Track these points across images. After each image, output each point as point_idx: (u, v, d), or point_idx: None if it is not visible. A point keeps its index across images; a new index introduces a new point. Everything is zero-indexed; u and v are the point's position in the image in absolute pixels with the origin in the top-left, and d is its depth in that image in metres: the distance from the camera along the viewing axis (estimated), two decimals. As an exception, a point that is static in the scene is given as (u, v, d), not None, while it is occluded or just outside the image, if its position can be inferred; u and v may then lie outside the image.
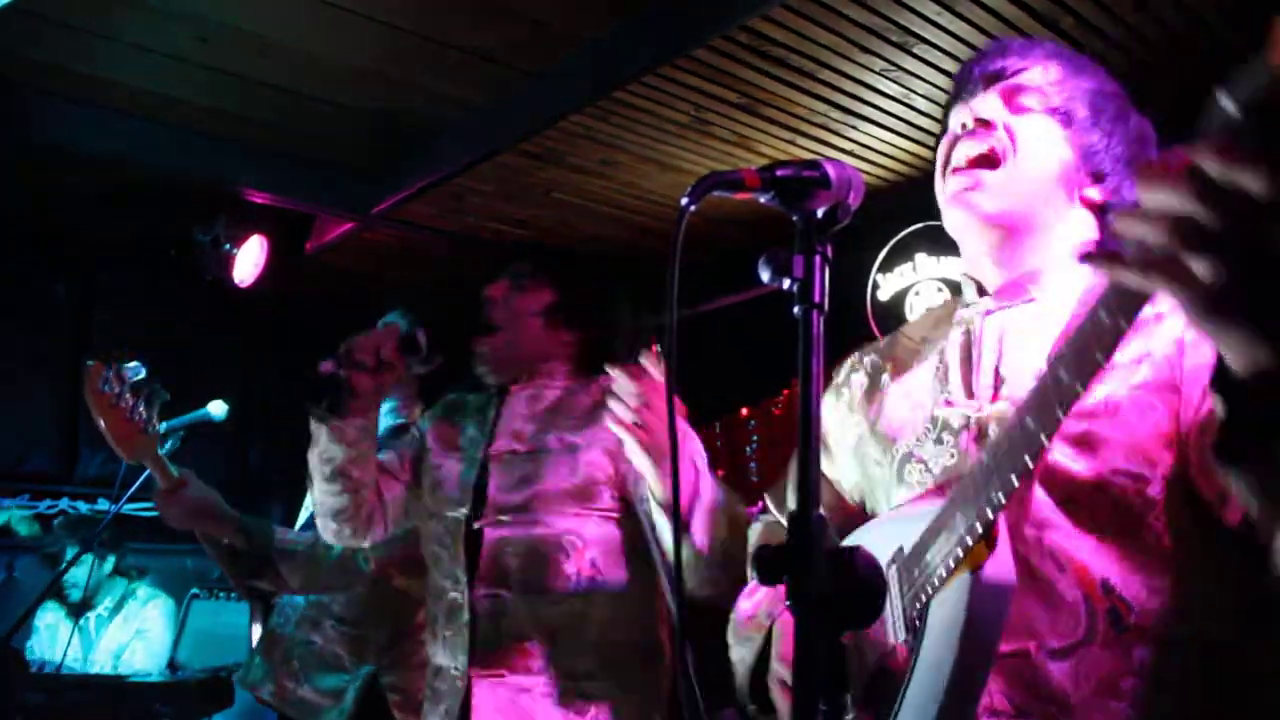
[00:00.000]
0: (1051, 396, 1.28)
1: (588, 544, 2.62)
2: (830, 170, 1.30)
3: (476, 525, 2.68)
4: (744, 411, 5.79)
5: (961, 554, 1.38)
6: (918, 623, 1.48)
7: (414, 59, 3.74)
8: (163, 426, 3.49)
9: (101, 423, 2.93)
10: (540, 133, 4.06)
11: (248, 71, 3.85)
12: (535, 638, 2.59)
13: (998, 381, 1.63)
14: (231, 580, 3.34)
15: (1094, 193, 1.68)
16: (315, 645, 3.38)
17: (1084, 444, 1.48)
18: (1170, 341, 1.50)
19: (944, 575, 1.42)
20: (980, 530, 1.36)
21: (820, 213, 1.30)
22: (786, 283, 1.25)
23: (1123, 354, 1.49)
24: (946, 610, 1.40)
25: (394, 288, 5.35)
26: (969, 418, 1.62)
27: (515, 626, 2.60)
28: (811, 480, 1.15)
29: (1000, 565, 1.37)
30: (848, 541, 1.67)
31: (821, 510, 1.83)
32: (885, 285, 4.78)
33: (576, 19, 3.51)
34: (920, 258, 4.66)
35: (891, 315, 4.76)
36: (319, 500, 2.81)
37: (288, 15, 3.48)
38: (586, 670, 2.59)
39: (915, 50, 3.45)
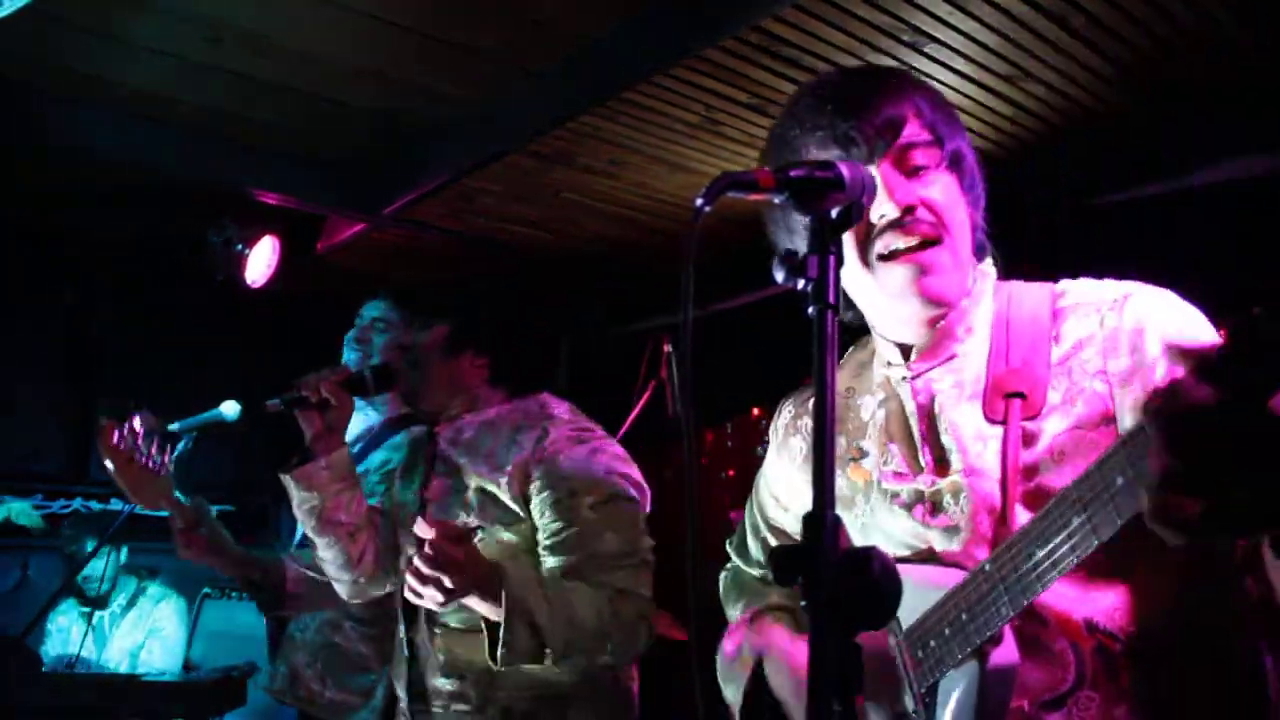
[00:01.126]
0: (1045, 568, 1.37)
1: None
2: (844, 171, 1.30)
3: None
4: (756, 412, 5.79)
5: (970, 650, 1.47)
6: (926, 699, 1.55)
7: (423, 59, 3.74)
8: (175, 426, 3.52)
9: (118, 478, 2.97)
10: (549, 133, 4.05)
11: (257, 73, 3.86)
12: (469, 678, 2.58)
13: (940, 452, 1.66)
14: (260, 610, 3.40)
15: (974, 211, 1.74)
16: (339, 647, 3.40)
17: (1040, 503, 1.49)
18: (1095, 375, 1.56)
19: (953, 664, 1.49)
20: (990, 636, 1.44)
21: (834, 213, 1.30)
22: (801, 283, 1.26)
23: (1055, 392, 1.58)
24: (957, 695, 1.49)
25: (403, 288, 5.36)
26: (922, 493, 1.66)
27: (449, 667, 2.60)
28: (827, 479, 1.16)
29: (1006, 653, 1.46)
30: None
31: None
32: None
33: (586, 19, 3.51)
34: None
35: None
36: (322, 561, 2.83)
37: (297, 17, 3.48)
38: (524, 710, 2.59)
39: (927, 50, 3.43)
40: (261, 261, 4.97)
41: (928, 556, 1.64)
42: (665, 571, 2.67)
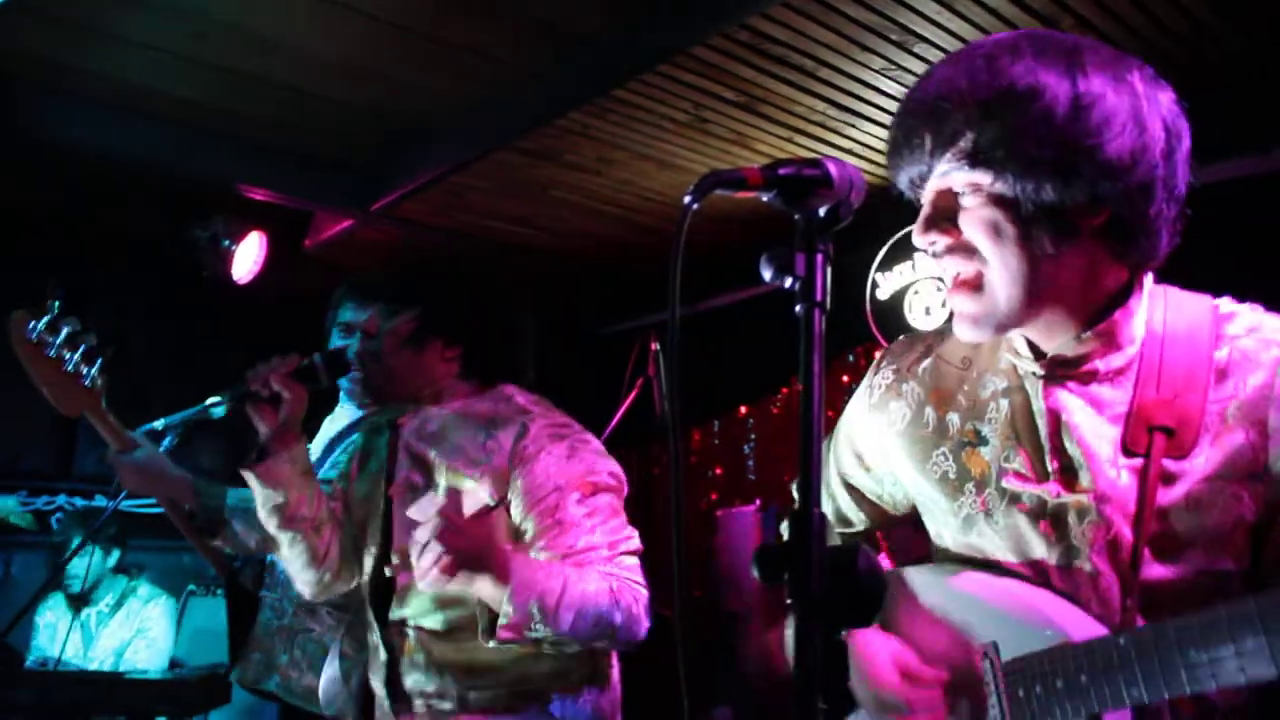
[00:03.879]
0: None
1: None
2: (832, 169, 1.29)
3: (388, 572, 2.65)
4: (742, 410, 5.79)
5: (1085, 713, 1.40)
6: None
7: (413, 56, 3.74)
8: (160, 423, 3.48)
9: (32, 373, 2.82)
10: (538, 130, 4.06)
11: (246, 68, 3.85)
12: (449, 675, 2.57)
13: (1068, 462, 1.54)
14: (192, 541, 3.31)
15: (1097, 220, 1.49)
16: (315, 633, 3.37)
17: (1166, 547, 1.44)
18: (1254, 424, 1.45)
19: (1061, 717, 1.43)
20: (1112, 709, 1.37)
21: (822, 211, 1.29)
22: (788, 281, 1.25)
23: (1206, 434, 1.47)
24: None
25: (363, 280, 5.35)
26: (1045, 503, 1.54)
27: (429, 667, 2.59)
28: (813, 478, 1.15)
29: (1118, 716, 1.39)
30: (921, 578, 1.70)
31: (864, 522, 1.79)
32: (884, 284, 4.78)
33: (575, 16, 3.50)
34: (919, 256, 4.65)
35: (891, 314, 4.76)
36: (284, 560, 2.79)
37: (285, 12, 3.47)
38: (507, 705, 2.58)
39: (915, 49, 3.44)
40: (248, 258, 4.95)
41: (1034, 569, 1.54)
42: (652, 568, 2.66)
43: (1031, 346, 1.60)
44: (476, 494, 2.57)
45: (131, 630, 5.23)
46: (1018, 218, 1.46)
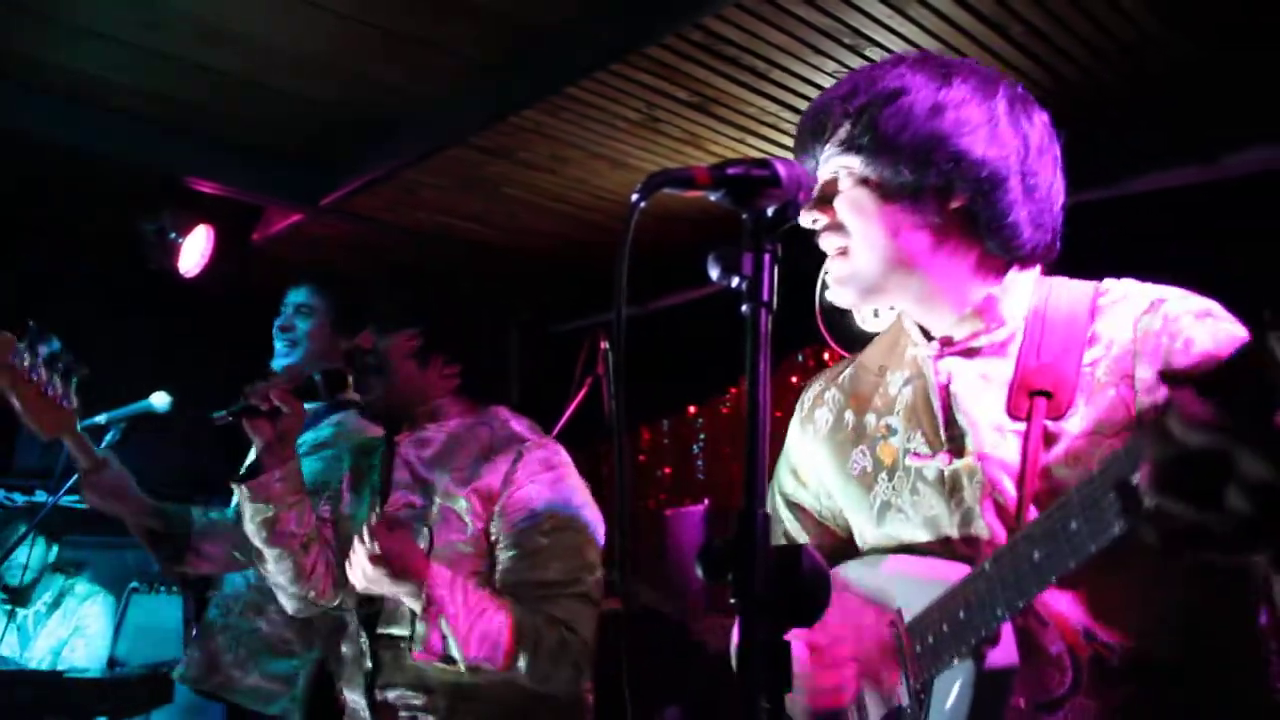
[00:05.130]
0: (1050, 561, 1.36)
1: None
2: (780, 169, 1.30)
3: None
4: (691, 410, 5.81)
5: (967, 650, 1.47)
6: (922, 695, 1.55)
7: (366, 49, 3.70)
8: (103, 418, 3.43)
9: (14, 398, 2.80)
10: (491, 127, 4.04)
11: (196, 58, 3.80)
12: (438, 692, 2.57)
13: (957, 432, 1.66)
14: (160, 566, 3.28)
15: (956, 202, 1.67)
16: (261, 631, 3.33)
17: (1051, 504, 1.48)
18: (1122, 379, 1.54)
19: (949, 662, 1.50)
20: (986, 636, 1.44)
21: (770, 211, 1.30)
22: (735, 281, 1.26)
23: (1081, 394, 1.57)
24: (952, 693, 1.49)
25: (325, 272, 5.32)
26: (942, 473, 1.65)
27: (418, 682, 2.58)
28: (759, 478, 1.16)
29: (1004, 655, 1.45)
30: (849, 571, 1.78)
31: (811, 543, 1.91)
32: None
33: (529, 13, 3.49)
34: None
35: (840, 315, 4.77)
36: (270, 575, 2.77)
37: (238, 3, 3.43)
38: None
39: (866, 53, 3.46)
40: (195, 251, 4.89)
41: (942, 543, 1.63)
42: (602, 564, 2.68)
43: (924, 334, 1.77)
44: (465, 517, 2.60)
45: (69, 629, 5.16)
46: (879, 196, 1.68)
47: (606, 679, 2.77)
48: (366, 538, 2.39)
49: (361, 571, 2.41)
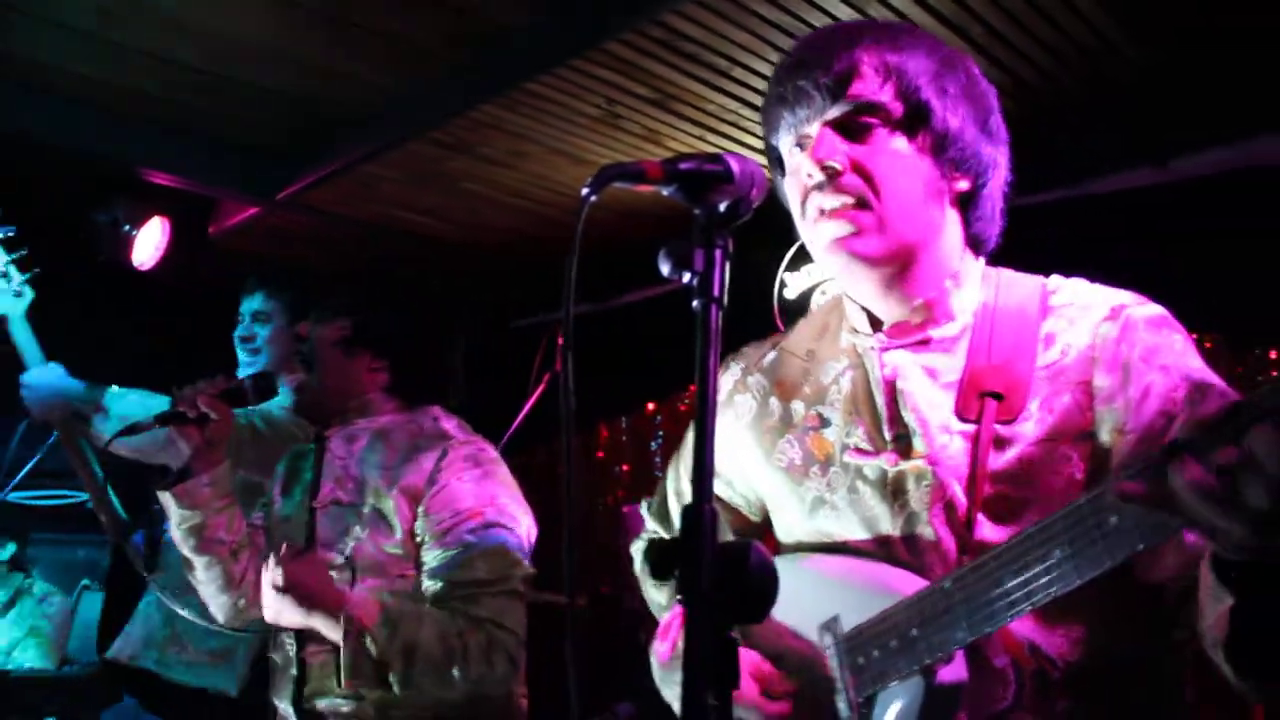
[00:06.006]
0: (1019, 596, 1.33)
1: None
2: (733, 164, 1.30)
3: None
4: (650, 407, 5.80)
5: (919, 669, 1.42)
6: (863, 709, 1.50)
7: (325, 41, 3.67)
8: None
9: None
10: (450, 122, 4.02)
11: (151, 47, 3.75)
12: (368, 698, 2.54)
13: (903, 431, 1.60)
14: (91, 498, 3.28)
15: (962, 184, 1.65)
16: (197, 607, 3.31)
17: (1000, 509, 1.48)
18: (1078, 385, 1.51)
19: (897, 679, 1.45)
20: (942, 657, 1.40)
21: (722, 207, 1.30)
22: (687, 276, 1.25)
23: (1034, 399, 1.53)
24: (898, 708, 1.45)
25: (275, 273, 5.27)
26: (885, 473, 1.59)
27: (343, 690, 2.56)
28: (706, 473, 1.15)
29: (955, 672, 1.41)
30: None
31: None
32: (792, 284, 4.80)
33: (489, 8, 3.47)
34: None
35: (798, 313, 4.77)
36: (199, 584, 2.76)
37: (191, -9, 3.40)
38: None
39: (826, 51, 3.47)
40: (150, 243, 4.83)
41: (879, 544, 1.58)
42: (557, 561, 2.66)
43: (871, 322, 1.69)
44: (393, 519, 2.58)
45: (24, 629, 5.09)
46: (919, 152, 1.59)
47: (554, 678, 2.76)
48: (272, 567, 2.37)
49: (270, 602, 2.40)
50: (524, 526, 2.66)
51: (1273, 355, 3.93)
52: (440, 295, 2.99)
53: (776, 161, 1.74)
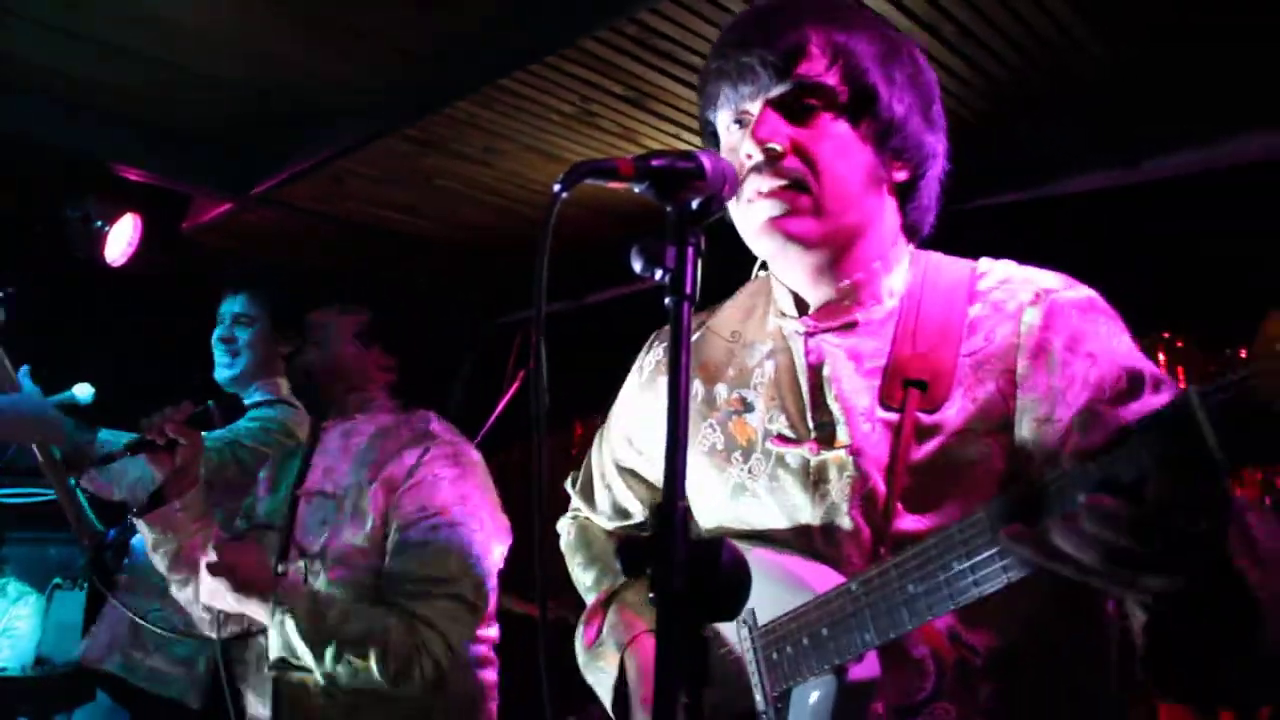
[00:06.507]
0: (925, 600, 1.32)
1: None
2: (706, 162, 1.30)
3: (280, 569, 2.66)
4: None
5: (829, 668, 1.42)
6: (779, 702, 1.50)
7: (299, 36, 3.65)
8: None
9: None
10: (424, 118, 4.01)
11: (122, 41, 3.72)
12: (337, 693, 2.55)
13: (826, 419, 1.58)
14: (65, 508, 3.28)
15: (901, 174, 1.63)
16: (163, 613, 3.29)
17: (920, 500, 1.47)
18: (1000, 374, 1.49)
19: (809, 675, 1.45)
20: (851, 658, 1.39)
21: (694, 204, 1.30)
22: (659, 274, 1.25)
23: (958, 387, 1.51)
24: (812, 703, 1.45)
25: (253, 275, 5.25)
26: (808, 463, 1.57)
27: (326, 692, 2.55)
28: (679, 470, 1.15)
29: (867, 669, 1.41)
30: None
31: (643, 513, 1.79)
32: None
33: (463, 4, 3.46)
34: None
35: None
36: (180, 598, 2.79)
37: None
38: None
39: (800, 49, 3.47)
40: (122, 240, 4.79)
41: (799, 534, 1.56)
42: (527, 565, 2.66)
43: (798, 305, 1.66)
44: (368, 510, 2.59)
45: (-3, 630, 5.07)
46: (860, 138, 1.57)
47: (526, 683, 2.78)
48: (211, 551, 2.45)
49: (205, 584, 2.47)
50: (489, 532, 2.66)
51: (1243, 355, 3.96)
52: (441, 300, 3.04)
53: (710, 135, 1.71)
